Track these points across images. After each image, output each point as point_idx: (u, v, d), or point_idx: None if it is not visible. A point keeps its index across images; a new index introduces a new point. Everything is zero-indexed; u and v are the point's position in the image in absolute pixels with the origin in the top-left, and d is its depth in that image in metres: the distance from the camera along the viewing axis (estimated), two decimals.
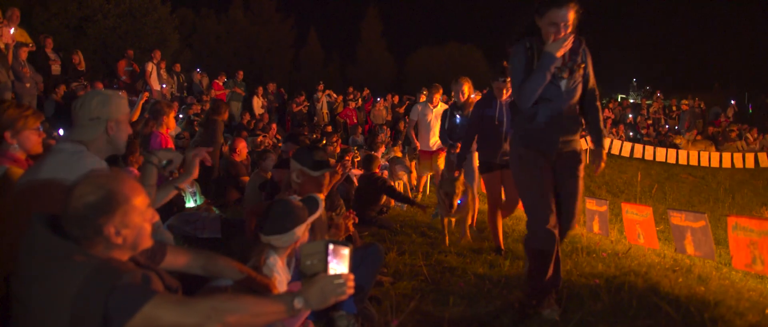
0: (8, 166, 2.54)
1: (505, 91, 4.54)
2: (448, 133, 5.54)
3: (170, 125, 5.45)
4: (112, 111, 2.30)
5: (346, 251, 1.76)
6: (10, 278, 1.58)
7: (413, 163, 8.58)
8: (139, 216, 1.63)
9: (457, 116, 5.48)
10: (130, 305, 1.43)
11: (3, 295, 1.99)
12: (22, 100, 7.77)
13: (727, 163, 16.01)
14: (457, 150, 4.96)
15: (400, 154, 9.91)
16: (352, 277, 1.74)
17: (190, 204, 4.88)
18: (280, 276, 2.42)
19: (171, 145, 5.39)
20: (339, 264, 1.73)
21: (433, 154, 7.14)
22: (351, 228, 3.75)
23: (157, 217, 1.74)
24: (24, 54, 8.19)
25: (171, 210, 4.76)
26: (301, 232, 2.48)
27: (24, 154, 2.68)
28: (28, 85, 8.12)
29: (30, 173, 2.28)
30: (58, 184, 2.05)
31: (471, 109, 5.01)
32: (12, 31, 7.75)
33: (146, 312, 1.43)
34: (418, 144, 7.57)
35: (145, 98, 10.65)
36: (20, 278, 1.53)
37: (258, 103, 14.50)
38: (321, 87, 15.54)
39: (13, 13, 7.87)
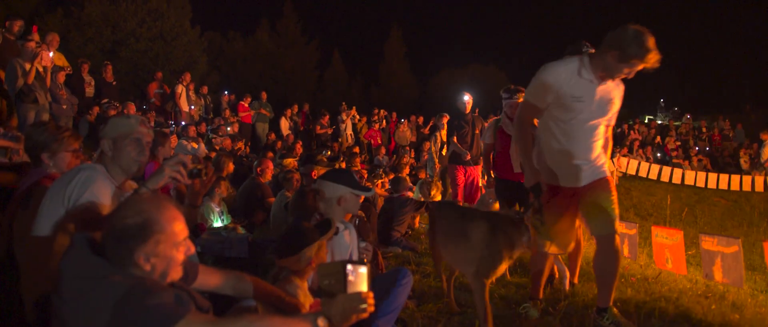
0: (46, 185, 2.61)
1: None
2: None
3: (167, 155, 5.36)
4: (108, 130, 2.31)
5: (363, 270, 1.77)
6: (52, 297, 1.63)
7: None
8: (173, 247, 1.65)
9: None
10: (163, 324, 1.47)
11: (32, 320, 2.05)
12: (58, 122, 8.03)
13: (759, 187, 15.48)
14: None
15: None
16: (371, 295, 1.75)
17: (217, 223, 4.94)
18: (305, 297, 2.44)
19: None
20: (358, 283, 1.75)
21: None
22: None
23: (192, 250, 1.76)
24: (62, 77, 8.49)
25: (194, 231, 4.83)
26: (312, 252, 2.45)
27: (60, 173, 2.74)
28: (65, 106, 8.41)
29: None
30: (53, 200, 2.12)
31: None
32: (51, 54, 8.04)
33: None
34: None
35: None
36: (60, 297, 1.58)
37: (286, 125, 14.68)
38: (344, 106, 15.64)
39: (53, 38, 8.17)
